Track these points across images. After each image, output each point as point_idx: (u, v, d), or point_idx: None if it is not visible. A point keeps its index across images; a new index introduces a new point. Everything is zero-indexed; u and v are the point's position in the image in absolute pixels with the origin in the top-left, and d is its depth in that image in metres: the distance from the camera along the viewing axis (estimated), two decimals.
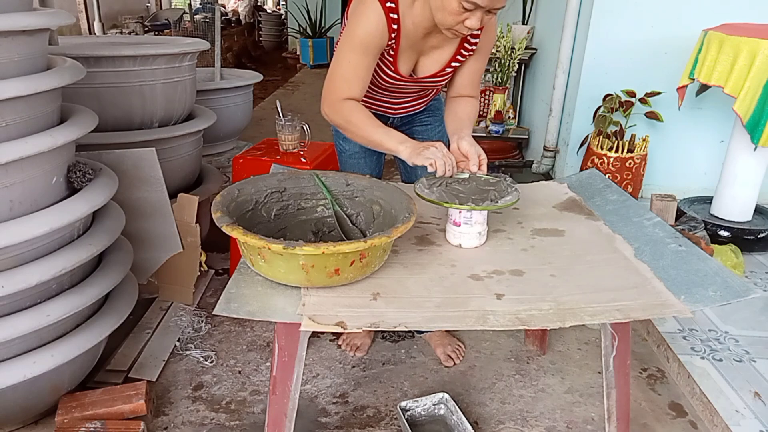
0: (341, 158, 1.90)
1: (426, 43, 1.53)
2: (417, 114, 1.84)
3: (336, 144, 1.91)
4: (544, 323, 1.11)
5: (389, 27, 1.44)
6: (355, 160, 1.87)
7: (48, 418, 1.62)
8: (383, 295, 1.17)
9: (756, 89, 2.28)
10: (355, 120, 1.46)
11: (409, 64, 1.57)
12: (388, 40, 1.46)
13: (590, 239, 1.44)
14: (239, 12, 11.69)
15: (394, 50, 1.50)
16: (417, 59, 1.58)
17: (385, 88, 1.65)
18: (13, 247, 1.33)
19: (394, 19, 1.43)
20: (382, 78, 1.59)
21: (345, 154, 1.88)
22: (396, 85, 1.62)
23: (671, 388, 1.87)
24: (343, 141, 1.87)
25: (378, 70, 1.56)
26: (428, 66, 1.60)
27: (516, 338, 2.09)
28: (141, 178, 1.96)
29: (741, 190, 2.60)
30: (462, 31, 1.37)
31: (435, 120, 1.88)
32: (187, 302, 2.22)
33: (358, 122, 1.46)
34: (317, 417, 1.71)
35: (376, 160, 1.91)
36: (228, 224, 1.13)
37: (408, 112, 1.81)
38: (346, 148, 1.87)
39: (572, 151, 3.29)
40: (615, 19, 2.98)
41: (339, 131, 1.86)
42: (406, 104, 1.78)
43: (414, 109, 1.82)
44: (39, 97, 1.38)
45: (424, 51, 1.56)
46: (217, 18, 3.77)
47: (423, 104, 1.83)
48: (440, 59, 1.58)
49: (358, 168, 1.88)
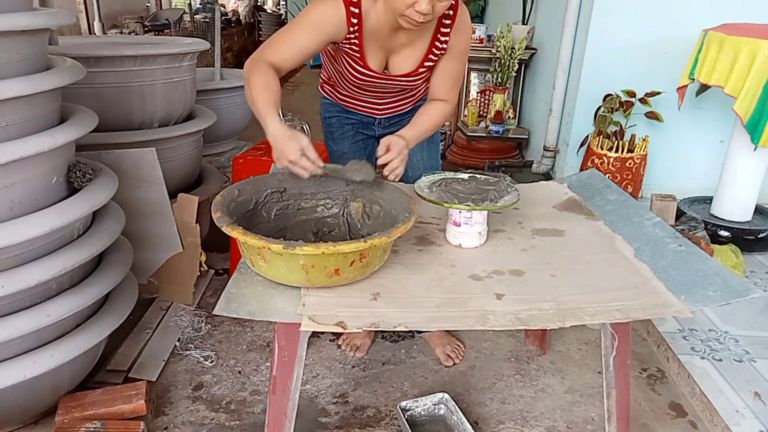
0: (332, 159, 1.91)
1: (394, 40, 1.54)
2: (404, 115, 1.84)
3: (327, 145, 1.93)
4: (544, 323, 1.11)
5: (348, 20, 1.45)
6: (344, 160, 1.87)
7: (48, 418, 1.62)
8: (383, 295, 1.17)
9: (756, 89, 2.28)
10: (254, 81, 1.38)
11: (378, 60, 1.58)
12: (347, 33, 1.48)
13: (590, 239, 1.44)
14: (239, 12, 11.68)
15: (358, 45, 1.52)
16: (387, 56, 1.59)
17: (358, 85, 1.66)
18: (13, 247, 1.33)
19: (354, 13, 1.45)
20: (351, 73, 1.60)
21: (334, 155, 1.89)
22: (369, 81, 1.63)
23: (671, 388, 1.87)
24: (331, 142, 1.89)
25: (347, 65, 1.58)
26: (400, 64, 1.60)
27: (516, 338, 2.09)
28: (141, 178, 1.96)
29: (741, 190, 2.61)
30: (413, 17, 1.35)
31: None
32: (187, 302, 2.22)
33: (255, 84, 1.37)
34: (317, 417, 1.71)
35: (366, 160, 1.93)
36: (228, 224, 1.13)
37: (393, 112, 1.82)
38: (335, 149, 1.89)
39: (572, 151, 3.29)
40: (615, 20, 2.97)
41: (326, 133, 1.90)
42: (390, 104, 1.78)
43: (399, 110, 1.82)
44: (39, 97, 1.38)
45: (394, 48, 1.57)
46: (217, 18, 3.77)
47: (408, 104, 1.83)
48: (412, 57, 1.59)
49: None
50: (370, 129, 1.86)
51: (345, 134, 1.86)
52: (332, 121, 1.86)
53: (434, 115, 1.61)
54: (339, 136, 1.86)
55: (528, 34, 3.88)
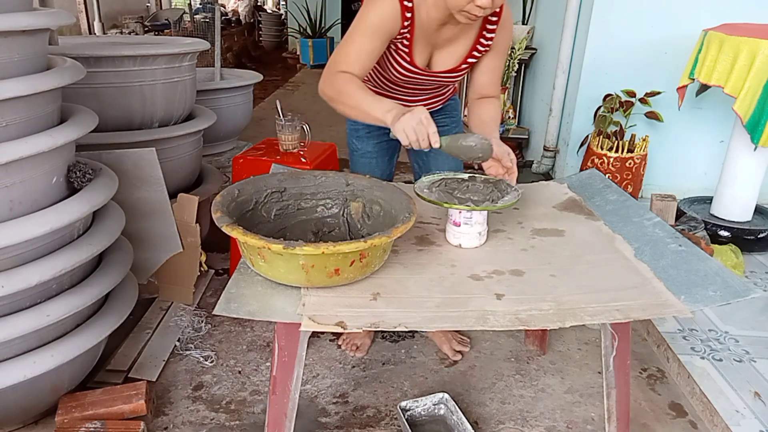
0: (353, 157, 1.90)
1: (440, 36, 1.53)
2: (434, 113, 1.83)
3: (349, 143, 1.91)
4: (544, 323, 1.11)
5: (402, 15, 1.44)
6: (366, 159, 1.87)
7: (48, 418, 1.62)
8: (383, 295, 1.17)
9: (756, 89, 2.28)
10: (346, 89, 1.41)
11: (424, 56, 1.57)
12: (401, 28, 1.46)
13: (590, 239, 1.44)
14: (239, 12, 11.69)
15: (409, 40, 1.50)
16: (432, 52, 1.58)
17: (400, 82, 1.64)
18: (13, 247, 1.33)
19: (407, 7, 1.44)
20: (398, 70, 1.58)
21: (357, 152, 1.88)
22: (412, 78, 1.61)
23: (671, 388, 1.87)
24: (356, 140, 1.87)
25: (393, 62, 1.56)
26: (444, 60, 1.59)
27: (516, 338, 2.09)
28: (141, 178, 1.96)
29: (741, 190, 2.60)
30: (474, 12, 1.35)
31: (452, 121, 1.88)
32: (187, 302, 2.22)
33: (350, 91, 1.40)
34: (317, 417, 1.71)
35: (388, 161, 1.92)
36: (228, 224, 1.13)
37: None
38: (358, 147, 1.87)
39: (572, 151, 3.29)
40: (615, 19, 2.98)
41: (351, 130, 1.87)
42: (423, 101, 1.77)
43: (431, 107, 1.80)
44: (39, 97, 1.38)
45: (439, 44, 1.56)
46: (217, 18, 3.77)
47: (440, 102, 1.82)
48: (456, 53, 1.58)
49: (369, 168, 1.88)
50: None
51: (371, 133, 1.84)
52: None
53: (496, 113, 1.64)
54: (365, 134, 1.85)
55: (528, 34, 3.88)
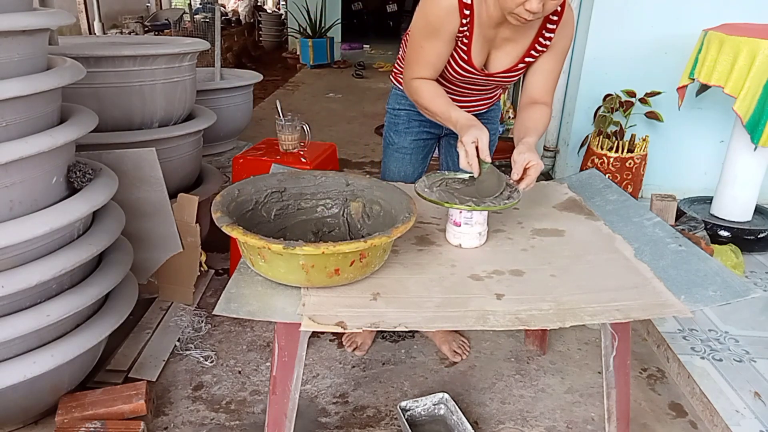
0: (387, 150, 1.90)
1: (498, 35, 1.50)
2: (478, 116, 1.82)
3: (386, 135, 1.91)
4: (544, 323, 1.11)
5: (461, 12, 1.42)
6: (400, 154, 1.87)
7: (48, 418, 1.62)
8: (383, 295, 1.17)
9: (756, 89, 2.28)
10: (423, 95, 1.52)
11: (482, 56, 1.55)
12: (460, 25, 1.45)
13: (590, 239, 1.44)
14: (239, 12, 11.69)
15: (468, 38, 1.48)
16: (489, 51, 1.55)
17: (457, 81, 1.62)
18: (13, 247, 1.33)
19: (466, 4, 1.42)
20: (455, 69, 1.56)
21: (392, 146, 1.87)
22: (468, 78, 1.60)
23: (671, 388, 1.87)
24: (393, 133, 1.87)
25: (451, 60, 1.54)
26: (500, 60, 1.56)
27: (516, 338, 2.09)
28: (141, 178, 1.96)
29: (741, 190, 2.61)
30: (523, 15, 1.32)
31: (493, 128, 1.85)
32: (187, 302, 2.22)
33: (424, 98, 1.52)
34: (317, 417, 1.71)
35: (422, 160, 1.91)
36: (228, 224, 1.13)
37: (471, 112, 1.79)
38: (395, 140, 1.87)
39: (572, 151, 3.29)
40: (615, 19, 2.98)
41: (391, 124, 1.88)
42: (472, 103, 1.76)
43: (477, 110, 1.79)
44: (39, 97, 1.38)
45: (497, 43, 1.53)
46: (217, 18, 3.77)
47: (486, 106, 1.81)
48: (513, 53, 1.55)
49: (402, 162, 1.87)
50: (437, 128, 1.84)
51: (410, 129, 1.83)
52: (401, 113, 1.84)
53: (540, 119, 1.54)
54: (404, 129, 1.84)
55: None
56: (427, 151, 1.90)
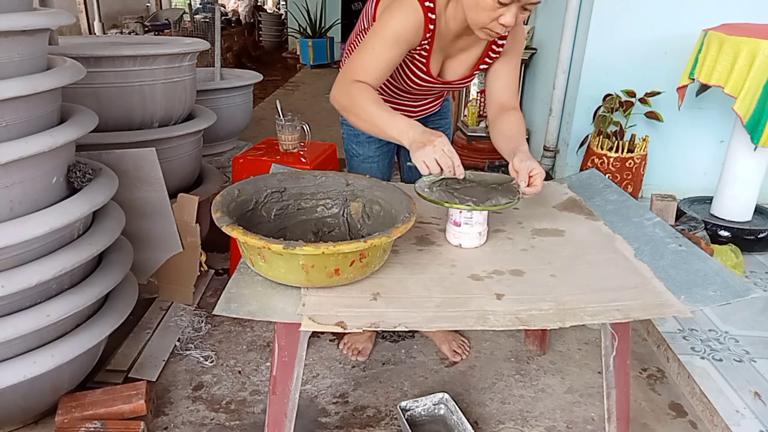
0: (352, 162, 1.86)
1: (454, 46, 1.52)
2: (432, 116, 1.84)
3: (347, 148, 1.86)
4: (544, 323, 1.11)
5: (426, 26, 1.41)
6: (368, 164, 1.84)
7: (48, 418, 1.62)
8: (383, 295, 1.17)
9: (756, 89, 2.28)
10: (361, 102, 1.34)
11: (437, 66, 1.56)
12: (422, 39, 1.44)
13: (590, 239, 1.44)
14: (239, 12, 11.69)
15: (428, 51, 1.48)
16: (444, 61, 1.56)
17: (412, 91, 1.63)
18: (13, 247, 1.33)
19: (431, 19, 1.41)
20: (412, 80, 1.56)
21: (358, 158, 1.84)
22: (424, 87, 1.60)
23: (671, 388, 1.87)
24: (356, 145, 1.83)
25: (408, 72, 1.54)
26: (455, 69, 1.58)
27: (516, 338, 2.09)
28: (141, 178, 1.96)
29: (741, 190, 2.61)
30: (496, 30, 1.31)
31: (446, 122, 1.89)
32: (187, 302, 2.22)
33: (365, 104, 1.34)
34: (317, 417, 1.71)
35: (388, 164, 1.90)
36: (228, 224, 1.12)
37: (426, 113, 1.81)
38: (359, 152, 1.83)
39: (572, 151, 3.29)
40: (615, 19, 2.98)
41: (351, 135, 1.83)
42: (425, 106, 1.78)
43: (431, 111, 1.82)
44: (39, 97, 1.38)
45: (452, 53, 1.54)
46: (217, 18, 3.77)
47: (437, 105, 1.83)
48: (468, 61, 1.56)
49: (371, 172, 1.83)
50: None
51: (372, 137, 1.80)
52: None
53: (519, 126, 1.53)
54: (365, 139, 1.80)
55: (528, 34, 3.88)
56: (391, 155, 1.89)
